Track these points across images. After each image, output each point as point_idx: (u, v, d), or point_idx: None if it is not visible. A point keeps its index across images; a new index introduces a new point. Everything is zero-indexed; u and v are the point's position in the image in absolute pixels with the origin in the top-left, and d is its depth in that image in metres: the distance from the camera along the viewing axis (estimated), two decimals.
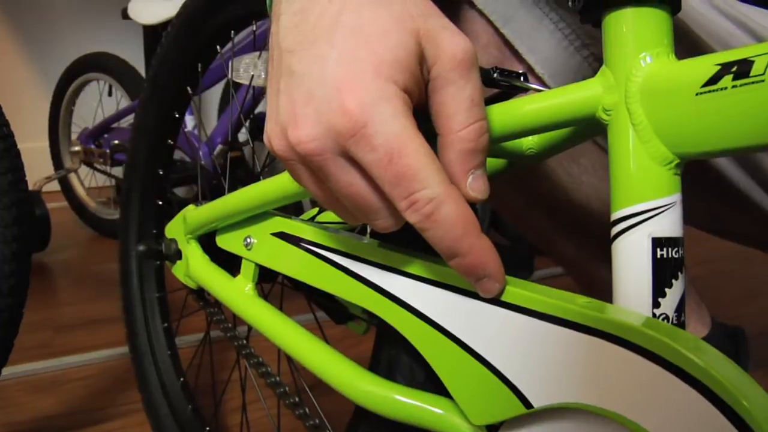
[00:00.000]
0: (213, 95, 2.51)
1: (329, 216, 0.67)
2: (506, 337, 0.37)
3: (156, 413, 0.92)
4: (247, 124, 1.88)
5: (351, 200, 0.38)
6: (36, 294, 1.73)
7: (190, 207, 0.71)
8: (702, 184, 0.68)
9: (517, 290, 0.37)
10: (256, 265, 0.60)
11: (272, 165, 1.48)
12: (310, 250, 0.51)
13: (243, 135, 1.94)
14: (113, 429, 1.09)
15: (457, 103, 0.37)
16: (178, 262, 0.73)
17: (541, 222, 0.72)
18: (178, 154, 1.92)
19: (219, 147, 1.77)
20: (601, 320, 0.33)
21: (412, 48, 0.36)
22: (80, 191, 2.40)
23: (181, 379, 0.91)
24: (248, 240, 0.60)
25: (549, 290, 0.37)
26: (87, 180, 2.42)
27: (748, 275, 1.81)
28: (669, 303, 0.37)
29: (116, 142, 2.09)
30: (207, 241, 0.70)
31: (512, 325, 0.37)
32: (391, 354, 0.50)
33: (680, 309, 0.37)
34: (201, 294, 0.74)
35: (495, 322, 0.38)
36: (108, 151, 2.14)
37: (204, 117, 2.84)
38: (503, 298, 0.38)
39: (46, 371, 1.29)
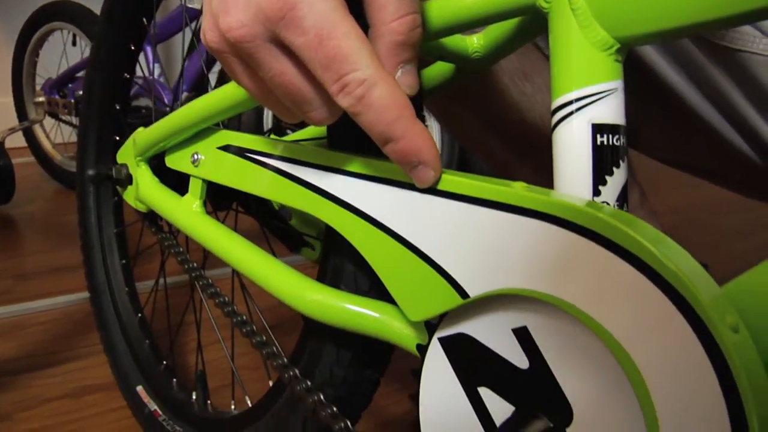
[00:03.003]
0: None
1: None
2: (442, 226, 0.37)
3: (114, 350, 0.91)
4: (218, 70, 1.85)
5: (284, 90, 0.37)
6: None
7: (140, 129, 0.70)
8: (658, 106, 0.67)
9: (453, 178, 0.36)
10: (204, 181, 0.59)
11: None
12: (253, 158, 0.50)
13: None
14: (74, 370, 1.08)
15: None
16: (129, 187, 0.72)
17: (496, 147, 0.71)
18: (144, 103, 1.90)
19: (185, 94, 1.74)
20: (539, 201, 0.32)
21: None
22: (46, 145, 2.35)
23: (139, 315, 0.90)
24: (195, 156, 0.58)
25: (487, 178, 0.36)
26: (53, 134, 2.37)
27: (717, 224, 1.82)
28: (610, 191, 0.36)
29: (81, 92, 2.05)
30: (157, 165, 0.68)
31: (447, 213, 0.36)
32: (336, 263, 0.49)
33: (622, 199, 0.36)
34: (153, 220, 0.73)
35: (430, 212, 0.37)
36: (72, 101, 2.10)
37: (173, 65, 2.80)
38: (439, 187, 0.37)
39: (7, 316, 1.27)
